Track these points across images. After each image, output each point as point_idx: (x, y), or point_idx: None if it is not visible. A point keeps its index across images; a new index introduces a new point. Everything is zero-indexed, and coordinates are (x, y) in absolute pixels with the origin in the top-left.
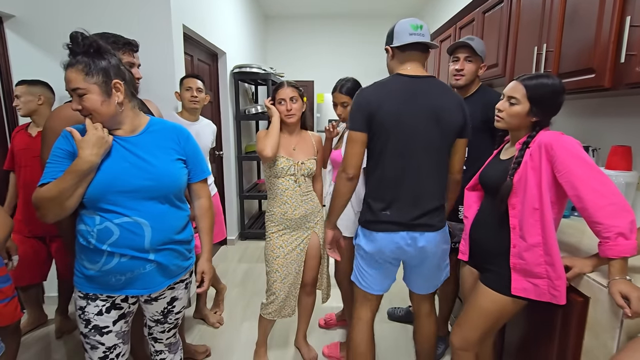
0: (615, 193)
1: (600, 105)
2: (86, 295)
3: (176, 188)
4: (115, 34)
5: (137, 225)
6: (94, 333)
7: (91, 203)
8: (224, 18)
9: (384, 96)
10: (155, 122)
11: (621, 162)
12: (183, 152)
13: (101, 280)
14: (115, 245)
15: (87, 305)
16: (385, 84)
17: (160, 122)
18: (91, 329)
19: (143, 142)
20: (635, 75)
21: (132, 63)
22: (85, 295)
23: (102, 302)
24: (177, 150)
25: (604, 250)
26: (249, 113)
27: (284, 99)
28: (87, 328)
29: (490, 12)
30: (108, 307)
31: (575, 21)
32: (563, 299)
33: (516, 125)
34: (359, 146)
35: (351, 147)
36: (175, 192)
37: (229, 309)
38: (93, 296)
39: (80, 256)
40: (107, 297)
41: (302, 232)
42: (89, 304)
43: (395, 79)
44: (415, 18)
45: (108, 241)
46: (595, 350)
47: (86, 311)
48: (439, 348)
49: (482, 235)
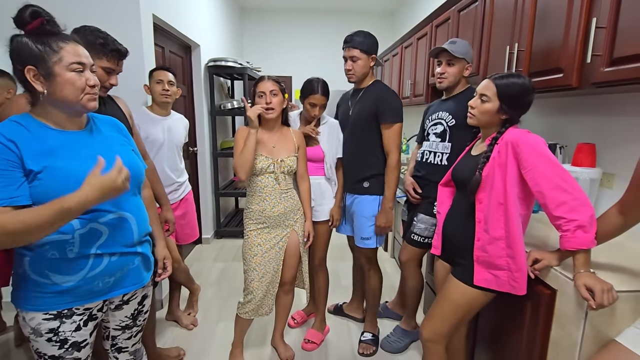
0: (576, 189)
1: (567, 104)
2: (59, 314)
3: (142, 178)
4: (107, 37)
5: (124, 220)
6: (71, 351)
7: None
8: (198, 9)
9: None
10: (95, 115)
11: (586, 159)
12: (129, 142)
13: (82, 290)
14: (105, 245)
15: (60, 324)
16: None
17: (96, 115)
18: (68, 347)
19: (103, 135)
20: (600, 75)
21: (112, 69)
22: (57, 314)
23: (78, 316)
24: (129, 141)
25: (563, 243)
26: (224, 108)
27: (263, 92)
28: (62, 349)
29: (465, 10)
30: (85, 320)
31: (545, 22)
32: (522, 289)
33: (487, 122)
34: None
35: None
36: (142, 182)
37: (203, 310)
38: (68, 313)
39: (45, 272)
40: (84, 309)
41: (281, 230)
42: (64, 323)
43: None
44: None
45: (97, 243)
46: (561, 341)
47: (60, 331)
48: (402, 341)
49: (453, 229)
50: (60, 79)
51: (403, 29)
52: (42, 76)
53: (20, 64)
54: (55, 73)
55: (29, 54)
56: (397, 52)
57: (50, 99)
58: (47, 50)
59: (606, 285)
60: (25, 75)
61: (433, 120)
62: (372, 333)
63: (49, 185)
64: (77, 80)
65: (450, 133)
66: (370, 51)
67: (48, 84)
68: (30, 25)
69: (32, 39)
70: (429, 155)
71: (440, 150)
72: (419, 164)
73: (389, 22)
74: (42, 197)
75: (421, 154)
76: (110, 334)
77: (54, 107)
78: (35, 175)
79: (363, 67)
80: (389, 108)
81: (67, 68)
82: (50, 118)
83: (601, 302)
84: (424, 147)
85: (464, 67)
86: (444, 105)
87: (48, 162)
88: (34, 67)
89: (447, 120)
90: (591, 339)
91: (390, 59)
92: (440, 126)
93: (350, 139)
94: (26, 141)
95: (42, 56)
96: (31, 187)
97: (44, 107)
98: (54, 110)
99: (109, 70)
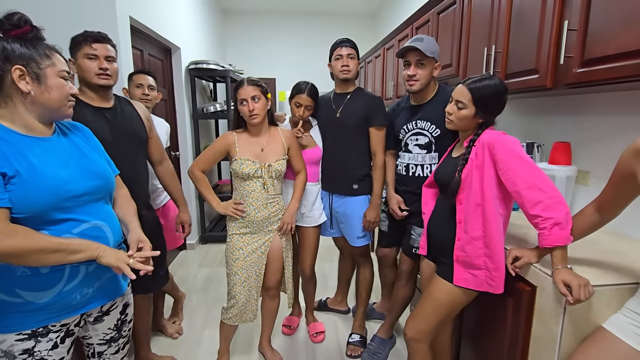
0: (551, 188)
1: (544, 104)
2: (33, 333)
3: (114, 185)
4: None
5: (98, 229)
6: None
7: (38, 218)
8: (178, 11)
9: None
10: (61, 122)
11: (562, 157)
12: (98, 148)
13: (59, 305)
14: None
15: (36, 344)
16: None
17: (63, 122)
18: None
19: (71, 141)
20: (572, 76)
21: (96, 55)
22: (32, 333)
23: (55, 333)
24: (97, 147)
25: (541, 240)
26: (207, 111)
27: (245, 100)
28: None
29: (444, 13)
30: (62, 337)
31: (521, 24)
32: (500, 288)
33: (464, 126)
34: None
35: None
36: (112, 190)
37: (188, 317)
38: (43, 331)
39: (15, 291)
40: (60, 326)
41: (264, 235)
42: (39, 342)
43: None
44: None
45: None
46: (542, 336)
47: (36, 351)
48: (382, 352)
49: (437, 230)
50: (51, 82)
51: (384, 31)
52: (30, 77)
53: (5, 63)
54: (46, 76)
55: (18, 55)
56: (379, 54)
57: (33, 101)
58: (40, 53)
59: (582, 280)
60: (4, 75)
61: (411, 130)
62: (359, 334)
63: (22, 190)
64: (65, 86)
65: (436, 143)
66: (359, 56)
67: (35, 86)
68: (17, 30)
69: (17, 41)
70: (416, 169)
71: (427, 162)
72: (405, 177)
73: (370, 24)
74: (16, 202)
75: (405, 167)
76: (95, 350)
77: (32, 110)
78: (9, 179)
79: (356, 66)
80: (379, 112)
81: (58, 74)
82: (20, 121)
83: (578, 297)
84: (405, 159)
85: (433, 66)
86: (419, 112)
87: (20, 166)
88: (22, 67)
89: (431, 131)
90: (570, 334)
91: (373, 60)
92: (423, 137)
93: (341, 142)
94: None
95: (33, 57)
96: (6, 192)
97: (15, 110)
98: (29, 114)
99: (93, 56)
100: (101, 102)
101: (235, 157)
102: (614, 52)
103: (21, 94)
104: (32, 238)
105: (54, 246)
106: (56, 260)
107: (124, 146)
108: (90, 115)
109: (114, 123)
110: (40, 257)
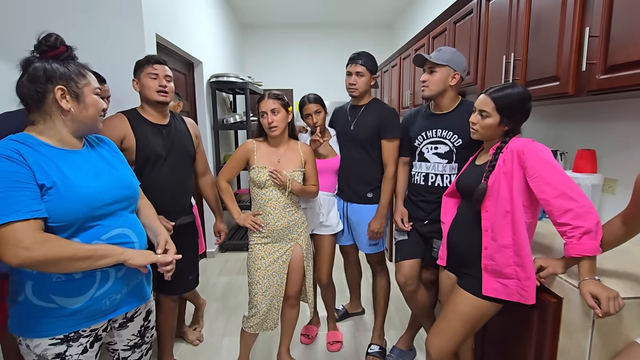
0: (582, 196)
1: (566, 111)
2: (65, 338)
3: (139, 194)
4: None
5: (125, 236)
6: None
7: (71, 226)
8: (200, 27)
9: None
10: (88, 136)
11: (587, 165)
12: (122, 160)
13: (90, 310)
14: None
15: (67, 348)
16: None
17: (89, 136)
18: None
19: (98, 153)
20: (595, 82)
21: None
22: (64, 337)
23: (85, 338)
24: (122, 159)
25: (568, 250)
26: (227, 122)
27: (265, 112)
28: None
29: (461, 22)
30: (92, 342)
31: (540, 31)
32: (532, 298)
33: (490, 136)
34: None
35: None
36: (137, 199)
37: (209, 325)
38: (75, 335)
39: (50, 297)
40: (90, 331)
41: (285, 244)
42: (71, 346)
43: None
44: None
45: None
46: (570, 350)
47: (67, 355)
48: None
49: (459, 239)
50: (88, 100)
51: (401, 41)
52: (70, 96)
53: (47, 83)
54: (84, 94)
55: (59, 75)
56: (395, 63)
57: (72, 119)
58: (76, 73)
59: (612, 292)
60: (47, 94)
61: (430, 137)
62: (379, 345)
63: (58, 201)
64: (99, 103)
65: (457, 153)
66: (373, 71)
67: (74, 104)
68: (53, 51)
69: (56, 62)
70: (436, 178)
71: (447, 172)
72: (423, 187)
73: (387, 34)
74: (52, 212)
75: (424, 176)
76: (120, 355)
77: (69, 126)
78: (46, 190)
79: (366, 83)
80: (392, 124)
81: (93, 91)
82: (56, 136)
83: (607, 310)
84: (424, 169)
85: (448, 74)
86: (440, 122)
87: (56, 177)
88: (63, 87)
89: (453, 140)
90: (600, 348)
91: (390, 69)
92: (443, 146)
93: (356, 153)
94: (33, 158)
95: (71, 77)
96: (43, 203)
97: (52, 126)
98: (66, 129)
99: (154, 76)
100: (159, 119)
101: (253, 165)
102: (639, 58)
103: (61, 111)
104: (63, 246)
105: (83, 253)
106: (86, 266)
107: (175, 161)
108: (150, 132)
109: (169, 139)
110: (71, 263)
